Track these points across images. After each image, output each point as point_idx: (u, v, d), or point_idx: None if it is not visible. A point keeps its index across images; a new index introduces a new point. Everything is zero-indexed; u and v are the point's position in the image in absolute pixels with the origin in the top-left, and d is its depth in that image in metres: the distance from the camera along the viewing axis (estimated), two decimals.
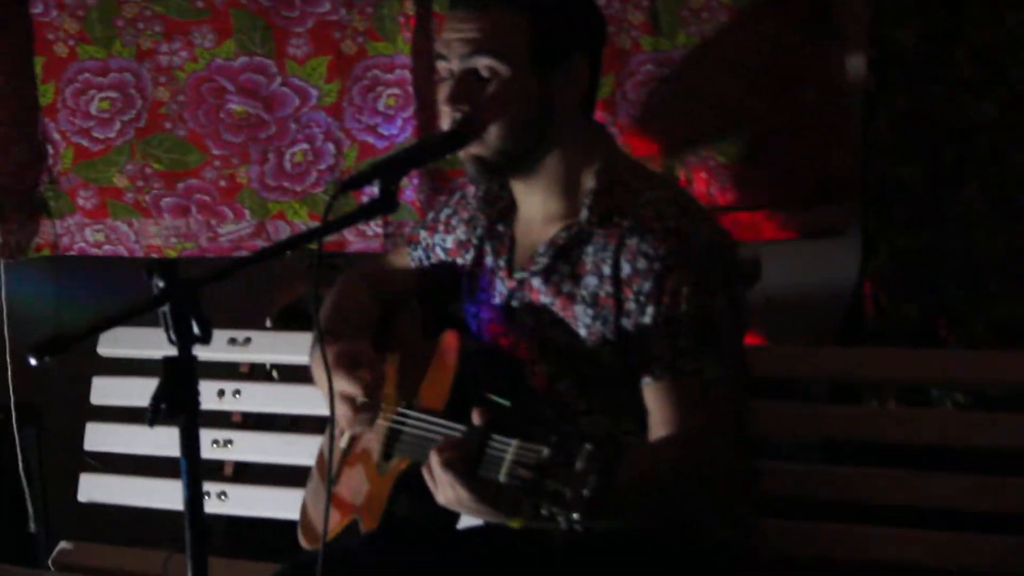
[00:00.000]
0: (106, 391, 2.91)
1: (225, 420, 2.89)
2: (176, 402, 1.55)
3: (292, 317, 3.14)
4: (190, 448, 1.57)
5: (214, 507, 2.76)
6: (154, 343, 1.79)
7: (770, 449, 2.46)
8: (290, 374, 2.82)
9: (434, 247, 2.19)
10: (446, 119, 1.91)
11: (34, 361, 1.50)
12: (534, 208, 2.00)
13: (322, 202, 2.79)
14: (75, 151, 2.92)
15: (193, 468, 1.58)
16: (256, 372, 2.90)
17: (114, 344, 2.84)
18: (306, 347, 2.16)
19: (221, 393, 2.79)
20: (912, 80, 2.57)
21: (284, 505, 2.64)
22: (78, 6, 2.86)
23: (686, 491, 1.76)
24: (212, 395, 2.76)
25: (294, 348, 2.66)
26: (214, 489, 2.77)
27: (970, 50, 2.54)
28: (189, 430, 1.57)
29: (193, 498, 1.58)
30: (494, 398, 1.78)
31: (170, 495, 2.71)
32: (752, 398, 2.10)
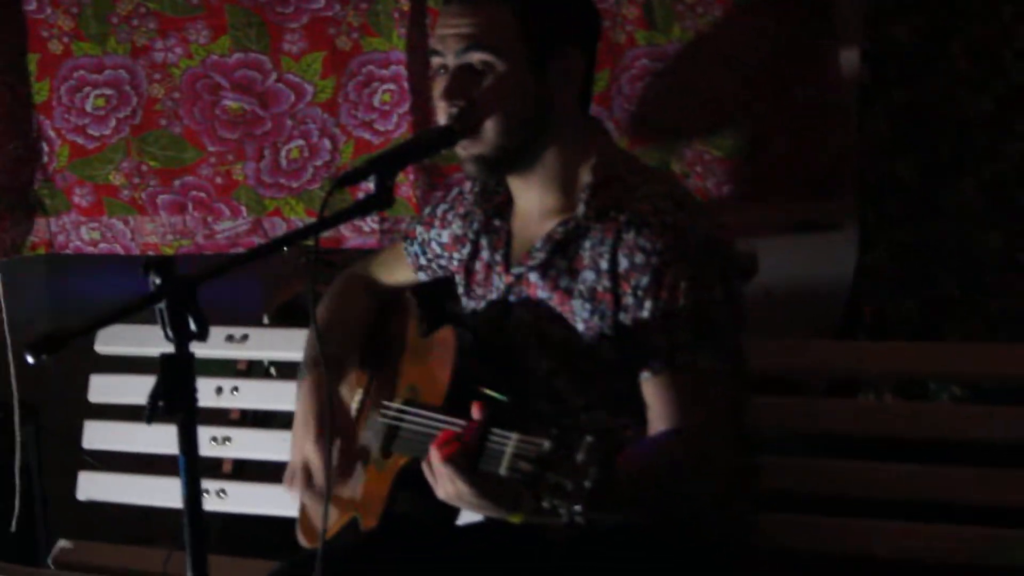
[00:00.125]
0: (104, 389, 2.90)
1: (223, 417, 2.89)
2: (174, 399, 1.55)
3: (289, 313, 3.14)
4: (188, 445, 1.57)
5: (213, 504, 2.75)
6: (152, 340, 1.78)
7: (768, 443, 2.46)
8: (288, 371, 2.81)
9: (430, 242, 2.19)
10: (442, 114, 1.91)
11: (31, 359, 1.50)
12: (531, 203, 1.99)
13: (318, 198, 2.78)
14: (71, 149, 2.91)
15: (191, 465, 1.58)
16: (254, 369, 2.90)
17: (111, 341, 2.84)
18: (303, 344, 2.16)
19: (219, 390, 2.78)
20: (908, 74, 2.57)
21: (283, 502, 2.62)
22: (72, 3, 2.84)
23: (685, 485, 1.76)
24: (210, 392, 2.75)
25: (291, 344, 2.65)
26: (213, 486, 2.77)
27: (966, 44, 2.54)
28: (187, 427, 1.57)
29: (192, 496, 1.58)
30: (491, 393, 1.78)
31: (169, 493, 2.69)
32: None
